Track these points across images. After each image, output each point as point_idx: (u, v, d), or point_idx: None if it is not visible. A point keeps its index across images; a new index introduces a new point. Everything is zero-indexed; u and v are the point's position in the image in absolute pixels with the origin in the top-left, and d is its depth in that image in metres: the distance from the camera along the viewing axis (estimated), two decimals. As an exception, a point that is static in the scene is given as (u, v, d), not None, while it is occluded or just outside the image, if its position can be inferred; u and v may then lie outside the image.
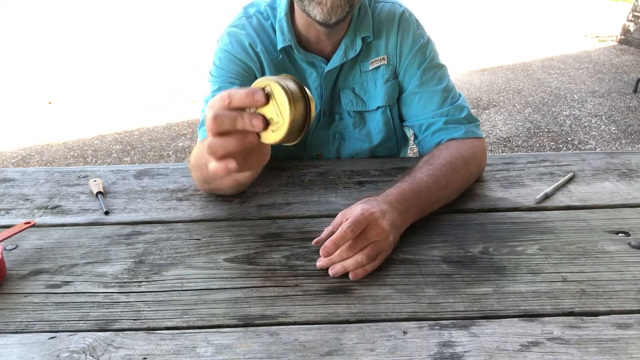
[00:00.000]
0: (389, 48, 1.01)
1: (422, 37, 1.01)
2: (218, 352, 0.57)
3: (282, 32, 0.97)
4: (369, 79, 1.03)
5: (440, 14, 8.02)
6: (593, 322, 0.60)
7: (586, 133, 3.50)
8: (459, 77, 4.65)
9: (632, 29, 5.96)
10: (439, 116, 0.97)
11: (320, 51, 1.00)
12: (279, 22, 0.97)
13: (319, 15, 0.88)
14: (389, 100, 1.03)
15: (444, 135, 0.96)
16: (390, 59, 1.01)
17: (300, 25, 0.97)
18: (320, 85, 1.02)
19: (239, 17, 1.02)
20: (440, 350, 0.56)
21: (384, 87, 1.02)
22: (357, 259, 0.68)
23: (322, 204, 0.88)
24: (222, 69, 0.98)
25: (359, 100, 1.04)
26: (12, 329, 0.61)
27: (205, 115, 0.94)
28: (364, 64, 1.02)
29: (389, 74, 1.02)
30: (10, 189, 0.96)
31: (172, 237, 0.79)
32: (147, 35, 7.08)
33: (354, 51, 0.99)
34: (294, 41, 0.97)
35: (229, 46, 0.98)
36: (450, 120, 0.96)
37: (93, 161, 3.25)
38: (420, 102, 1.00)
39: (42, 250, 0.77)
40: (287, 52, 1.00)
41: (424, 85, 0.99)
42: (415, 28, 1.01)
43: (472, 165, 0.90)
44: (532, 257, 0.72)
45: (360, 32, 0.98)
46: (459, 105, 0.98)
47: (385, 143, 1.09)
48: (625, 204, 0.86)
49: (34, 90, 4.73)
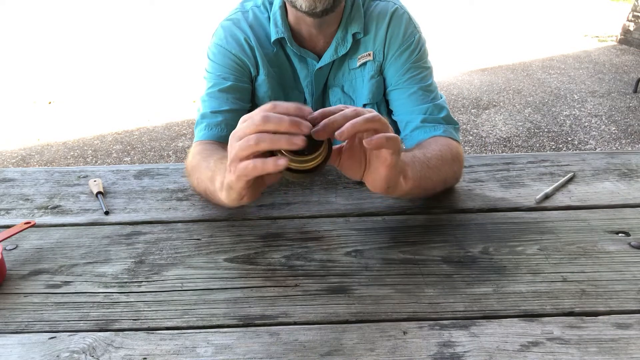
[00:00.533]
0: (376, 44, 0.99)
1: (413, 36, 0.99)
2: (218, 352, 0.57)
3: (275, 24, 0.96)
4: (357, 76, 1.01)
5: (441, 13, 8.02)
6: (593, 322, 0.60)
7: (586, 133, 3.50)
8: (459, 77, 4.65)
9: (632, 29, 5.96)
10: (417, 113, 0.95)
11: (312, 47, 0.99)
12: (274, 14, 0.97)
13: (304, 4, 0.86)
14: (374, 98, 1.02)
15: (422, 134, 0.94)
16: (376, 55, 0.99)
17: (292, 20, 0.97)
18: (312, 82, 1.01)
19: (235, 12, 1.01)
20: (440, 350, 0.56)
21: (369, 84, 1.01)
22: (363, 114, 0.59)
23: (322, 204, 0.88)
24: (217, 63, 0.98)
25: (347, 98, 1.03)
26: (12, 329, 0.61)
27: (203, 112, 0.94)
28: (352, 61, 1.00)
29: (374, 70, 1.00)
30: (10, 189, 0.96)
31: (172, 237, 0.79)
32: (147, 35, 7.08)
33: (345, 48, 0.98)
34: (288, 34, 0.96)
35: (223, 41, 0.98)
36: (428, 119, 0.94)
37: (93, 161, 3.25)
38: (401, 97, 0.98)
39: (42, 250, 0.77)
40: (281, 45, 0.99)
41: (407, 82, 0.97)
42: (407, 26, 0.99)
43: (456, 165, 0.88)
44: (532, 257, 0.72)
45: (352, 28, 0.97)
46: (438, 104, 0.96)
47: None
48: (625, 204, 0.86)
49: (34, 90, 4.73)
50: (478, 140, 3.41)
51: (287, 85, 1.02)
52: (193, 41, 6.43)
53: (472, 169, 0.99)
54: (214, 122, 0.94)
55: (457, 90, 4.33)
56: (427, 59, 1.01)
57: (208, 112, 0.95)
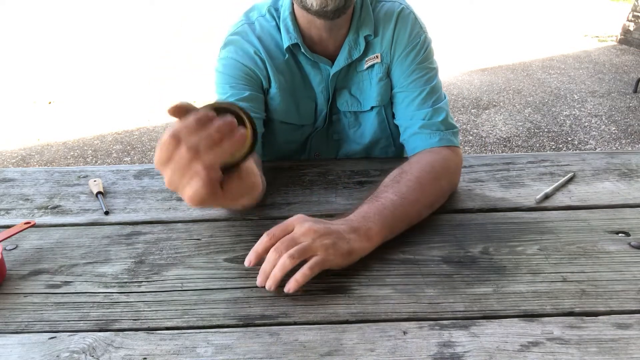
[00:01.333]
0: (383, 45, 0.98)
1: (419, 37, 0.97)
2: (218, 352, 0.57)
3: (287, 30, 0.95)
4: (364, 78, 1.00)
5: (441, 13, 8.02)
6: (593, 322, 0.60)
7: (586, 133, 3.50)
8: (459, 77, 4.65)
9: (632, 29, 5.96)
10: (416, 118, 0.94)
11: (323, 51, 0.98)
12: (284, 21, 0.95)
13: (315, 3, 0.85)
14: (382, 101, 1.01)
15: (419, 141, 0.93)
16: (383, 57, 0.98)
17: (302, 25, 0.95)
18: (327, 87, 1.00)
19: (241, 24, 0.99)
20: (440, 351, 0.56)
21: (377, 87, 1.00)
22: (281, 262, 0.64)
23: (322, 204, 0.88)
24: (230, 76, 0.95)
25: (354, 100, 1.02)
26: (12, 329, 0.61)
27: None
28: (360, 63, 0.99)
29: (382, 72, 0.99)
30: (10, 189, 0.96)
31: (172, 237, 0.79)
32: (147, 35, 7.08)
33: (359, 51, 0.97)
34: (300, 39, 0.95)
35: (232, 53, 0.96)
36: (426, 125, 0.93)
37: (93, 161, 3.25)
38: (404, 102, 0.97)
39: (42, 250, 0.77)
40: (293, 52, 0.98)
41: (411, 84, 0.96)
42: (413, 26, 0.97)
43: (444, 180, 0.86)
44: (532, 257, 0.72)
45: (363, 30, 0.96)
46: (438, 108, 0.94)
47: (380, 144, 1.07)
48: (625, 204, 0.86)
49: (34, 90, 4.73)
50: (478, 140, 3.41)
51: (298, 93, 1.01)
52: (193, 41, 6.43)
53: (472, 169, 0.99)
54: None
55: (457, 90, 4.33)
56: (432, 59, 1.00)
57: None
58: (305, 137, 1.07)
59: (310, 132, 1.06)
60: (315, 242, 0.66)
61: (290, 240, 0.66)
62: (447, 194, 0.88)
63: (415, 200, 0.78)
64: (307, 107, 1.03)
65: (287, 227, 0.68)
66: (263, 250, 0.67)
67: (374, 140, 1.06)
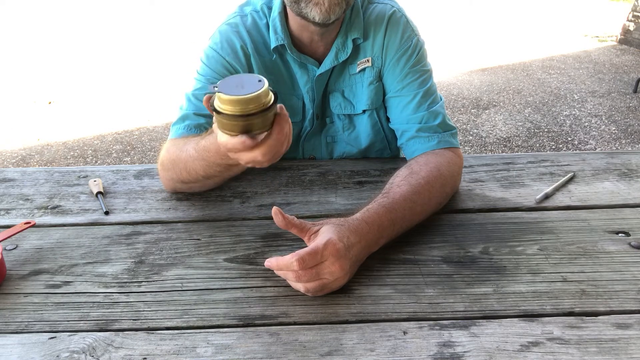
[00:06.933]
0: (374, 49, 0.98)
1: (410, 40, 0.97)
2: (218, 352, 0.57)
3: (275, 31, 0.95)
4: (357, 81, 1.00)
5: (440, 13, 8.02)
6: (593, 322, 0.60)
7: (586, 133, 3.50)
8: (459, 77, 4.64)
9: (632, 29, 5.96)
10: (413, 122, 0.94)
11: (312, 52, 0.98)
12: (273, 21, 0.95)
13: (318, 16, 0.85)
14: (372, 104, 1.01)
15: (417, 144, 0.92)
16: (374, 61, 0.98)
17: (294, 27, 0.95)
18: (312, 88, 1.00)
19: (234, 16, 0.99)
20: (440, 351, 0.56)
21: (368, 90, 1.00)
22: (296, 286, 0.66)
23: (322, 204, 0.88)
24: (209, 67, 0.97)
25: (347, 103, 1.02)
26: (12, 329, 0.61)
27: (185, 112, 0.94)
28: (352, 66, 0.99)
29: (373, 76, 0.99)
30: (10, 189, 0.96)
31: (172, 237, 0.79)
32: (147, 35, 7.08)
33: (345, 54, 0.97)
34: (288, 40, 0.95)
35: (218, 45, 0.97)
36: (423, 128, 0.92)
37: (93, 161, 3.25)
38: (399, 106, 0.97)
39: (42, 250, 0.77)
40: (280, 52, 0.98)
41: (405, 89, 0.96)
42: (404, 30, 0.97)
43: (449, 187, 0.86)
44: (532, 257, 0.72)
45: (352, 33, 0.96)
46: (434, 111, 0.93)
47: (375, 147, 1.07)
48: (625, 204, 0.86)
49: (34, 90, 4.73)
50: (478, 140, 3.41)
51: (285, 91, 1.01)
52: (193, 41, 6.43)
53: (472, 169, 0.99)
54: (194, 123, 0.92)
55: (457, 90, 4.33)
56: (425, 61, 0.99)
57: (191, 113, 0.93)
58: (295, 135, 1.07)
59: (300, 130, 1.06)
60: (335, 282, 0.65)
61: (314, 275, 0.64)
62: (448, 198, 0.88)
63: (422, 210, 0.80)
64: (293, 103, 1.03)
65: (321, 257, 0.64)
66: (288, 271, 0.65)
67: (369, 143, 1.06)
